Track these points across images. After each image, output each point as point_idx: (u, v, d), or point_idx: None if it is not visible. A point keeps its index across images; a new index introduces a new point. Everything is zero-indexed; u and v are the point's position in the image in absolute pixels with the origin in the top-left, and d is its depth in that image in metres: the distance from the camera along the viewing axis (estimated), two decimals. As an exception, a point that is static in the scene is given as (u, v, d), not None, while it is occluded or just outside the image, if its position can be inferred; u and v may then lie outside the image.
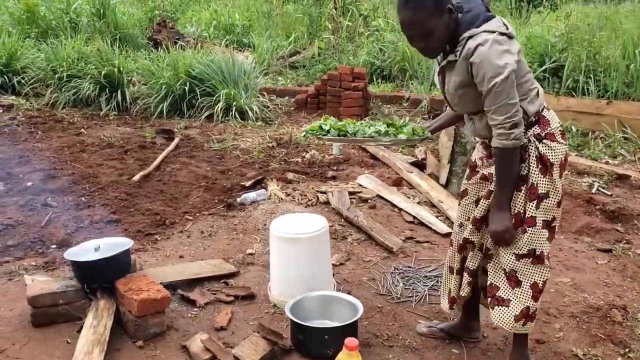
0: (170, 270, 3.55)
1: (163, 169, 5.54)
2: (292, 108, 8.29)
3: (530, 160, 2.34)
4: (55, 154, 5.90)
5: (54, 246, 3.90)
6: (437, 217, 4.56)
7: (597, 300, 3.45)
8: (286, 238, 3.23)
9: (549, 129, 2.35)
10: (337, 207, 4.62)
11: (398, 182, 5.22)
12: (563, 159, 2.37)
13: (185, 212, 4.55)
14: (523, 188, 2.37)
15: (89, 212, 4.47)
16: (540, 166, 2.34)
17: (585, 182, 5.50)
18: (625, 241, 4.31)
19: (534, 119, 2.34)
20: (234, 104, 7.42)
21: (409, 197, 4.92)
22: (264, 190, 4.92)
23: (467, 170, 2.68)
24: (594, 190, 5.27)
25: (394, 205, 4.75)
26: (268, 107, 7.81)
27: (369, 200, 4.80)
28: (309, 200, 4.80)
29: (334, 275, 3.55)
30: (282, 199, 4.78)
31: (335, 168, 5.70)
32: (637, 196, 5.27)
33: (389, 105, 8.28)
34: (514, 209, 2.39)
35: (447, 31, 2.23)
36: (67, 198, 4.75)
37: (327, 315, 3.04)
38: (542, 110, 2.38)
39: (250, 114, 7.37)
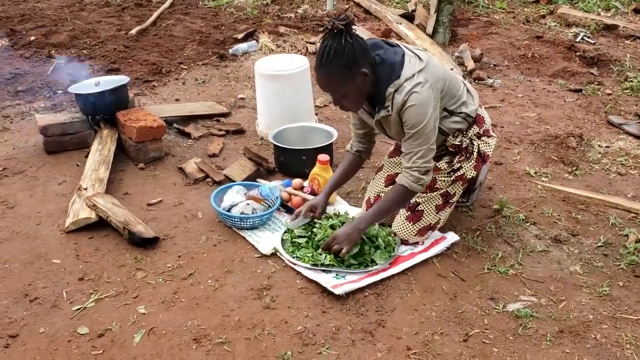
0: (167, 108, 3.88)
1: (159, 24, 5.70)
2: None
3: (472, 157, 2.54)
4: (55, 12, 6.04)
5: (60, 91, 4.20)
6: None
7: (557, 130, 3.75)
8: (269, 75, 3.50)
9: (485, 126, 2.55)
10: (325, 56, 4.85)
11: (387, 34, 5.37)
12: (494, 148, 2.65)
13: (180, 63, 4.81)
14: (453, 174, 2.56)
15: (90, 62, 4.73)
16: (476, 163, 2.55)
17: (571, 32, 5.61)
18: (597, 82, 4.50)
19: (471, 120, 2.51)
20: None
21: (396, 47, 5.09)
22: (255, 42, 5.12)
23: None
24: (578, 40, 5.41)
25: (380, 54, 4.93)
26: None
27: (357, 50, 4.98)
28: (299, 51, 5.00)
29: (317, 114, 3.86)
30: (272, 49, 4.99)
31: (326, 22, 5.80)
32: (620, 45, 5.40)
33: None
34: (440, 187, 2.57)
35: (362, 93, 2.27)
36: (69, 51, 4.98)
37: (306, 142, 3.35)
38: (478, 109, 2.56)
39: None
